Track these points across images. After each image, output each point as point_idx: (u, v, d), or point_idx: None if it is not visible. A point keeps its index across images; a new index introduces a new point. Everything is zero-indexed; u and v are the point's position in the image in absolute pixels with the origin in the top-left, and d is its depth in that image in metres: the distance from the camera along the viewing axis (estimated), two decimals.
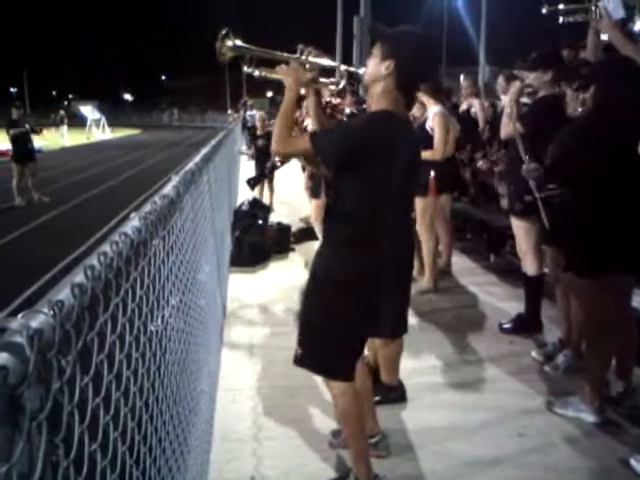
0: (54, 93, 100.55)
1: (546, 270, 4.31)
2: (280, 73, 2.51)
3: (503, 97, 5.52)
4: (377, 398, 3.09)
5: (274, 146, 2.42)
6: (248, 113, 17.49)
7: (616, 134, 2.98)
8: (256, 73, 2.67)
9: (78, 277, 1.05)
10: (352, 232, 2.35)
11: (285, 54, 2.60)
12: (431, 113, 5.11)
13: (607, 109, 3.02)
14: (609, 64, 3.33)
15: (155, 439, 1.62)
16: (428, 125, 5.10)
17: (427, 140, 4.97)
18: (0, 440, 0.79)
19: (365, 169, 2.26)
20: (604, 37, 3.96)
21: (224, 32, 2.58)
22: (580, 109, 3.57)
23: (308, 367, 2.58)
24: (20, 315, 0.87)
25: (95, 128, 39.14)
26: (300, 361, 2.51)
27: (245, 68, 2.67)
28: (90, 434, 1.08)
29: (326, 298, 2.39)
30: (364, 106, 4.94)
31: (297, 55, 2.59)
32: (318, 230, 6.12)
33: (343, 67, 2.61)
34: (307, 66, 2.55)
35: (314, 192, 6.23)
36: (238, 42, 2.61)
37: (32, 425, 0.83)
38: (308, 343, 2.48)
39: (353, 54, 14.51)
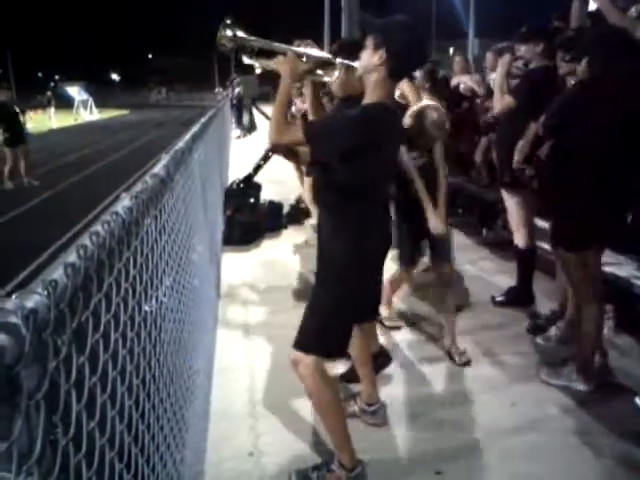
0: (40, 74, 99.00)
1: (545, 245, 4.33)
2: (277, 64, 2.52)
3: (492, 74, 5.48)
4: None
5: (273, 136, 2.43)
6: (236, 90, 17.37)
7: (608, 107, 2.97)
8: (256, 64, 2.71)
9: (71, 257, 1.05)
10: (348, 219, 2.41)
11: (284, 45, 2.59)
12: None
13: (601, 81, 3.00)
14: (603, 35, 3.31)
15: (153, 417, 1.63)
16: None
17: None
18: None
19: (358, 162, 2.30)
20: (592, 7, 3.95)
21: (226, 22, 2.56)
22: (572, 81, 3.56)
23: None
24: (14, 295, 0.87)
25: (83, 109, 38.68)
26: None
27: (245, 59, 2.69)
28: (88, 413, 1.09)
29: (329, 289, 2.43)
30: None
31: (295, 48, 2.60)
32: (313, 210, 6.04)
33: (339, 60, 2.62)
34: (304, 58, 2.57)
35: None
36: (240, 33, 2.59)
37: (30, 404, 0.84)
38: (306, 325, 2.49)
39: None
